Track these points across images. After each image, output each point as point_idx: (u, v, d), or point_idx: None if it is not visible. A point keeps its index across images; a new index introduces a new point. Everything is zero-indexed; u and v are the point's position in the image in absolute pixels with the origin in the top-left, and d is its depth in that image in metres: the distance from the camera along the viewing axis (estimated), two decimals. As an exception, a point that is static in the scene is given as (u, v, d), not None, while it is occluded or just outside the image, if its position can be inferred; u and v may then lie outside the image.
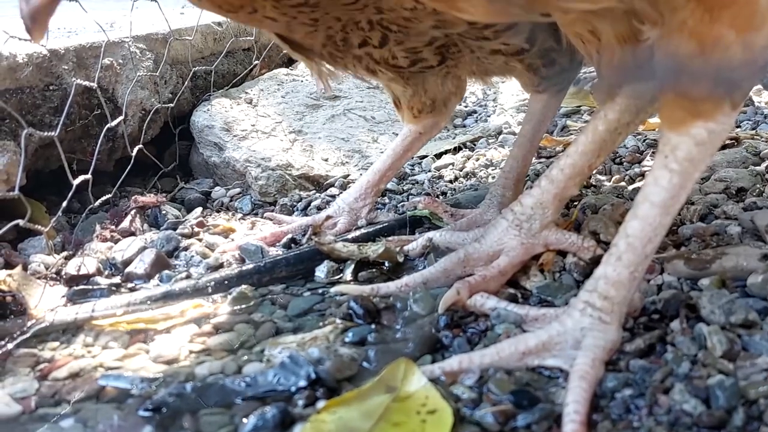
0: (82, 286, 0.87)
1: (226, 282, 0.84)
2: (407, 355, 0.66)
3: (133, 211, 1.09)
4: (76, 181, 0.88)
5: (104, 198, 1.02)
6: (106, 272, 0.93)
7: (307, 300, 0.81)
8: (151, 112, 1.26)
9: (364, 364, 0.66)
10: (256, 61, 1.62)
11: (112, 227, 1.05)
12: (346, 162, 1.35)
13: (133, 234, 1.05)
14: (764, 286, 0.71)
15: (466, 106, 1.84)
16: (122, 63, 1.22)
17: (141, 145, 1.15)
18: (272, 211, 1.17)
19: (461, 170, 1.32)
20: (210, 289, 0.83)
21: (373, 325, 0.73)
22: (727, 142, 1.24)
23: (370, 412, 0.58)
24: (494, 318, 0.71)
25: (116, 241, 1.01)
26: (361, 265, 0.88)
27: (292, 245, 0.99)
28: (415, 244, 0.90)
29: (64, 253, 0.97)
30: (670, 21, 0.62)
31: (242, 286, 0.83)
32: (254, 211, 1.20)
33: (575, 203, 1.00)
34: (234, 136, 1.32)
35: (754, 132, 1.38)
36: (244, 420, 0.58)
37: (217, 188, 1.29)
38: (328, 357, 0.66)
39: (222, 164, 1.31)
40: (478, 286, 0.76)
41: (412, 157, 1.26)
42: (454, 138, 1.57)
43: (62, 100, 1.09)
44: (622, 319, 0.66)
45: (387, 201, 1.17)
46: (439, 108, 1.02)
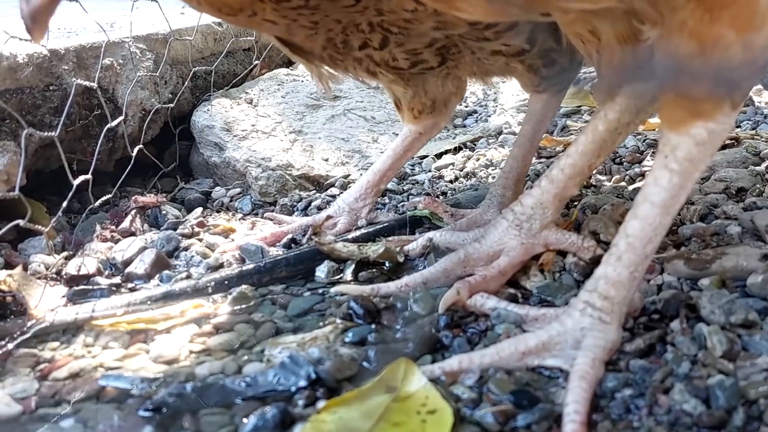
0: (82, 287, 0.87)
1: (227, 282, 0.84)
2: (407, 355, 0.66)
3: (133, 211, 1.09)
4: (77, 182, 0.88)
5: (104, 198, 1.02)
6: (107, 272, 0.93)
7: (308, 300, 0.81)
8: (152, 112, 1.26)
9: (364, 364, 0.66)
10: (257, 61, 1.62)
11: (113, 227, 1.05)
12: (347, 162, 1.35)
13: (133, 234, 1.05)
14: (764, 286, 0.71)
15: (466, 106, 1.84)
16: (122, 63, 1.22)
17: (141, 146, 1.15)
18: (272, 211, 1.17)
19: (461, 170, 1.32)
20: (210, 289, 0.83)
21: (373, 325, 0.73)
22: (727, 142, 1.24)
23: (371, 412, 0.58)
24: (494, 318, 0.71)
25: (116, 242, 1.01)
26: (362, 265, 0.88)
27: (293, 245, 0.99)
28: (416, 244, 0.90)
29: (65, 254, 0.97)
30: (670, 21, 0.62)
31: (242, 286, 0.83)
32: (254, 211, 1.20)
33: (575, 203, 1.00)
34: (234, 136, 1.32)
35: (754, 132, 1.38)
36: (245, 420, 0.58)
37: (218, 188, 1.29)
38: (329, 357, 0.66)
39: (222, 164, 1.31)
40: (478, 286, 0.76)
41: (413, 157, 1.26)
42: (454, 138, 1.57)
43: (62, 100, 1.09)
44: (622, 319, 0.66)
45: (387, 201, 1.17)
46: (440, 108, 1.02)
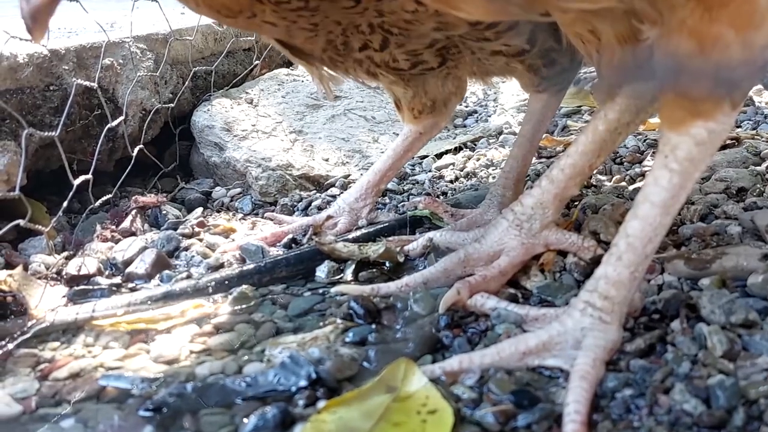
0: (82, 286, 0.87)
1: (227, 282, 0.84)
2: (408, 355, 0.66)
3: (133, 211, 1.09)
4: (77, 182, 0.88)
5: (105, 198, 1.02)
6: (107, 272, 0.93)
7: (308, 300, 0.81)
8: (152, 112, 1.26)
9: (364, 364, 0.66)
10: (257, 61, 1.62)
11: (113, 227, 1.05)
12: (347, 162, 1.35)
13: (133, 234, 1.05)
14: (764, 286, 0.71)
15: (466, 106, 1.84)
16: (123, 63, 1.22)
17: (141, 145, 1.15)
18: (273, 211, 1.17)
19: (462, 170, 1.32)
20: (210, 289, 0.83)
21: (373, 325, 0.73)
22: (728, 142, 1.24)
23: (371, 412, 0.58)
24: (494, 318, 0.71)
25: (117, 241, 1.01)
26: (362, 265, 0.88)
27: (293, 245, 0.99)
28: (416, 244, 0.90)
29: (65, 253, 0.97)
30: (670, 20, 0.62)
31: (243, 286, 0.83)
32: (255, 211, 1.20)
33: (576, 203, 1.00)
34: (234, 136, 1.33)
35: (754, 132, 1.38)
36: (245, 420, 0.58)
37: (218, 188, 1.29)
38: (329, 357, 0.66)
39: (222, 164, 1.31)
40: (478, 286, 0.76)
41: (413, 157, 1.26)
42: (454, 138, 1.57)
43: (63, 100, 1.09)
44: (622, 319, 0.66)
45: (387, 201, 1.17)
46: (440, 108, 1.02)
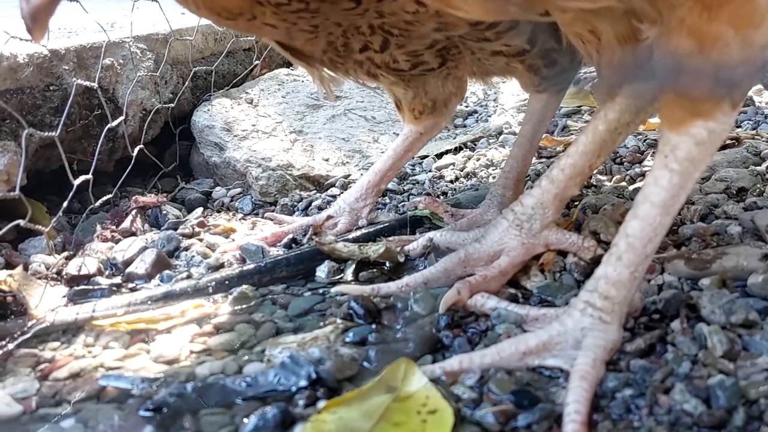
0: (82, 287, 0.87)
1: (227, 282, 0.84)
2: (408, 355, 0.66)
3: (133, 211, 1.09)
4: (77, 182, 0.88)
5: (105, 198, 1.02)
6: (107, 272, 0.93)
7: (308, 300, 0.81)
8: (152, 113, 1.26)
9: (364, 364, 0.67)
10: (257, 61, 1.62)
11: (113, 227, 1.05)
12: (347, 162, 1.35)
13: (133, 234, 1.05)
14: (765, 286, 0.71)
15: (466, 106, 1.84)
16: (123, 63, 1.22)
17: (141, 146, 1.15)
18: (273, 211, 1.17)
19: (462, 170, 1.32)
20: (211, 289, 0.83)
21: (373, 325, 0.73)
22: (728, 142, 1.24)
23: (371, 412, 0.58)
24: (495, 318, 0.71)
25: (117, 241, 1.01)
26: (362, 265, 0.88)
27: (293, 245, 0.99)
28: (416, 244, 0.90)
29: (65, 254, 0.97)
30: (669, 19, 0.62)
31: (243, 286, 0.83)
32: (255, 211, 1.20)
33: (576, 203, 1.00)
34: (234, 136, 1.33)
35: (754, 132, 1.38)
36: (245, 420, 0.58)
37: (218, 188, 1.29)
38: (329, 357, 0.66)
39: (222, 164, 1.31)
40: (478, 286, 0.76)
41: (413, 157, 1.26)
42: (454, 138, 1.57)
43: (63, 100, 1.09)
44: (622, 319, 0.66)
45: (388, 201, 1.17)
46: (440, 109, 1.02)
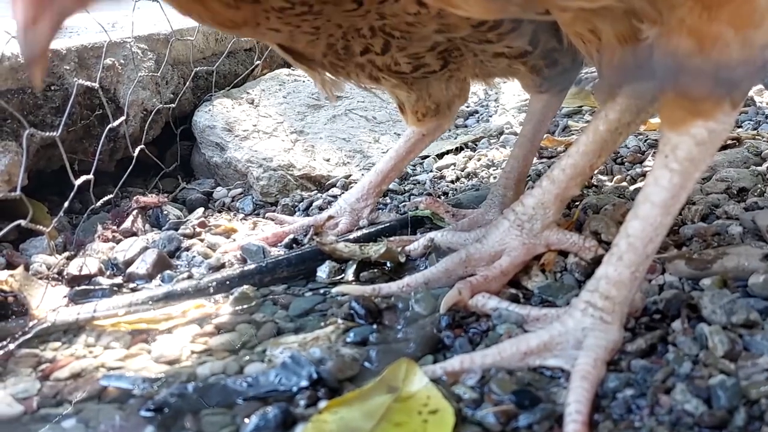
0: (83, 287, 0.87)
1: (228, 282, 0.84)
2: (409, 355, 0.66)
3: (134, 212, 1.09)
4: (78, 182, 0.88)
5: (106, 198, 1.02)
6: (108, 272, 0.93)
7: (309, 300, 0.81)
8: (153, 113, 1.26)
9: (365, 364, 0.67)
10: (258, 62, 1.62)
11: (114, 227, 1.06)
12: (348, 162, 1.35)
13: (134, 234, 1.05)
14: (765, 286, 0.71)
15: (467, 107, 1.84)
16: (124, 63, 1.23)
17: (143, 146, 1.15)
18: (274, 211, 1.17)
19: (463, 170, 1.32)
20: (212, 290, 0.83)
21: (374, 326, 0.73)
22: (729, 142, 1.24)
23: (372, 412, 0.58)
24: (496, 318, 0.71)
25: (118, 242, 1.01)
26: (363, 265, 0.88)
27: (294, 245, 0.99)
28: (417, 245, 0.90)
29: (66, 254, 0.97)
30: (669, 19, 0.62)
31: (244, 286, 0.83)
32: (256, 212, 1.20)
33: (577, 203, 1.00)
34: (235, 136, 1.33)
35: (755, 132, 1.38)
36: (246, 420, 0.59)
37: (219, 188, 1.29)
38: (330, 357, 0.66)
39: (223, 164, 1.31)
40: (479, 286, 0.76)
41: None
42: (455, 138, 1.57)
43: (64, 100, 1.09)
44: (623, 319, 0.66)
45: (388, 201, 1.17)
46: (443, 111, 1.02)
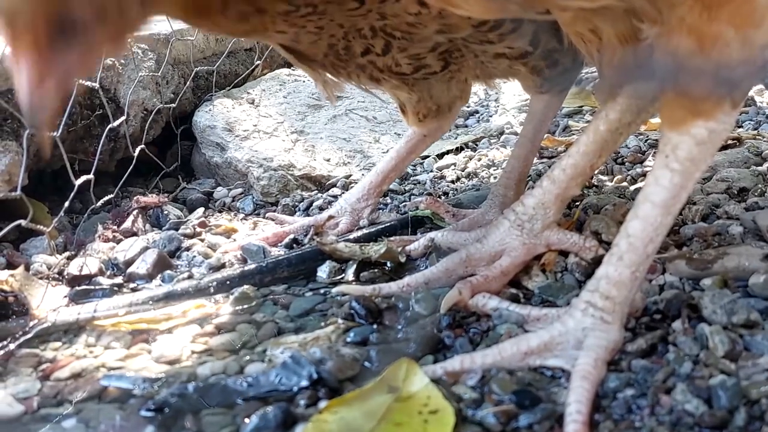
0: (84, 287, 0.87)
1: (228, 282, 0.84)
2: (409, 355, 0.66)
3: (135, 212, 1.09)
4: (78, 182, 0.88)
5: (106, 198, 1.02)
6: (108, 272, 0.93)
7: (309, 300, 0.81)
8: (153, 113, 1.26)
9: (365, 364, 0.66)
10: (258, 62, 1.62)
11: (114, 227, 1.06)
12: (348, 162, 1.35)
13: (135, 234, 1.05)
14: (766, 287, 0.71)
15: (468, 107, 1.84)
16: (124, 63, 1.23)
17: (143, 146, 1.15)
18: (274, 211, 1.17)
19: (463, 170, 1.32)
20: (212, 290, 0.83)
21: (375, 325, 0.73)
22: (729, 142, 1.24)
23: (372, 412, 0.58)
24: (496, 318, 0.71)
25: (118, 242, 1.01)
26: (363, 265, 0.88)
27: (294, 245, 0.99)
28: (417, 245, 0.90)
29: (66, 254, 0.97)
30: (669, 19, 0.62)
31: (244, 286, 0.83)
32: (256, 212, 1.20)
33: (577, 203, 1.00)
34: (236, 136, 1.33)
35: (756, 132, 1.38)
36: (246, 420, 0.58)
37: (219, 188, 1.29)
38: (330, 357, 0.66)
39: (224, 164, 1.31)
40: (480, 286, 0.76)
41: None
42: (456, 138, 1.57)
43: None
44: (623, 319, 0.66)
45: (389, 201, 1.17)
46: (444, 112, 1.02)
